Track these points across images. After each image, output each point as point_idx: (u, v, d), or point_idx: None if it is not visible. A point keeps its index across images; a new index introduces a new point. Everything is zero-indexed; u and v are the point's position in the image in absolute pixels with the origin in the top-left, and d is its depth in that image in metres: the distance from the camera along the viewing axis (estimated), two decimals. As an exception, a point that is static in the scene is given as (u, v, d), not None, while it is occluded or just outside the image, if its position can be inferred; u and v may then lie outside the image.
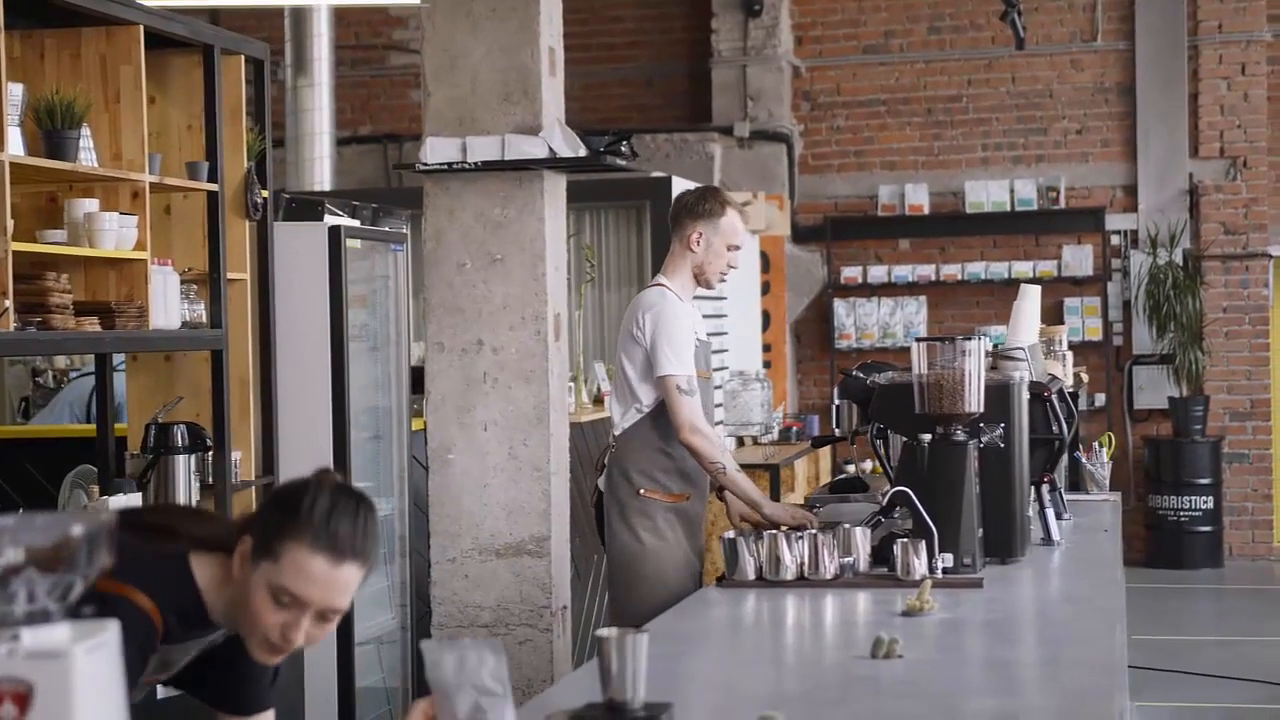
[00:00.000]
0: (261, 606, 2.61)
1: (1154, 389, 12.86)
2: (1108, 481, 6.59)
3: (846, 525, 4.47)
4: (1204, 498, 12.49)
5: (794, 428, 11.21)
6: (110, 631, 1.79)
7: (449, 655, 2.59)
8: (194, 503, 5.55)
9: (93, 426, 5.96)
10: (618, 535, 5.34)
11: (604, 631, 2.76)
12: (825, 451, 11.49)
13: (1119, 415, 12.92)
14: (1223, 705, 8.33)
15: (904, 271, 13.12)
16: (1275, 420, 13.03)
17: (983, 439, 4.56)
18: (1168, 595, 11.61)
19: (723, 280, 5.52)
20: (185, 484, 5.48)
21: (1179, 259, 12.64)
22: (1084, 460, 6.53)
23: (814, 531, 4.38)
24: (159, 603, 2.64)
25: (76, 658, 1.73)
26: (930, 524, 4.34)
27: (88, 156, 5.03)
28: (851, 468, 12.39)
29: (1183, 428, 12.57)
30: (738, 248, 5.45)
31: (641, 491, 5.31)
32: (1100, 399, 12.81)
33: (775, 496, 9.27)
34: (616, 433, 5.42)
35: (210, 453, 5.65)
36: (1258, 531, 12.89)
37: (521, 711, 2.97)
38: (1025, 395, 4.78)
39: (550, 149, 5.87)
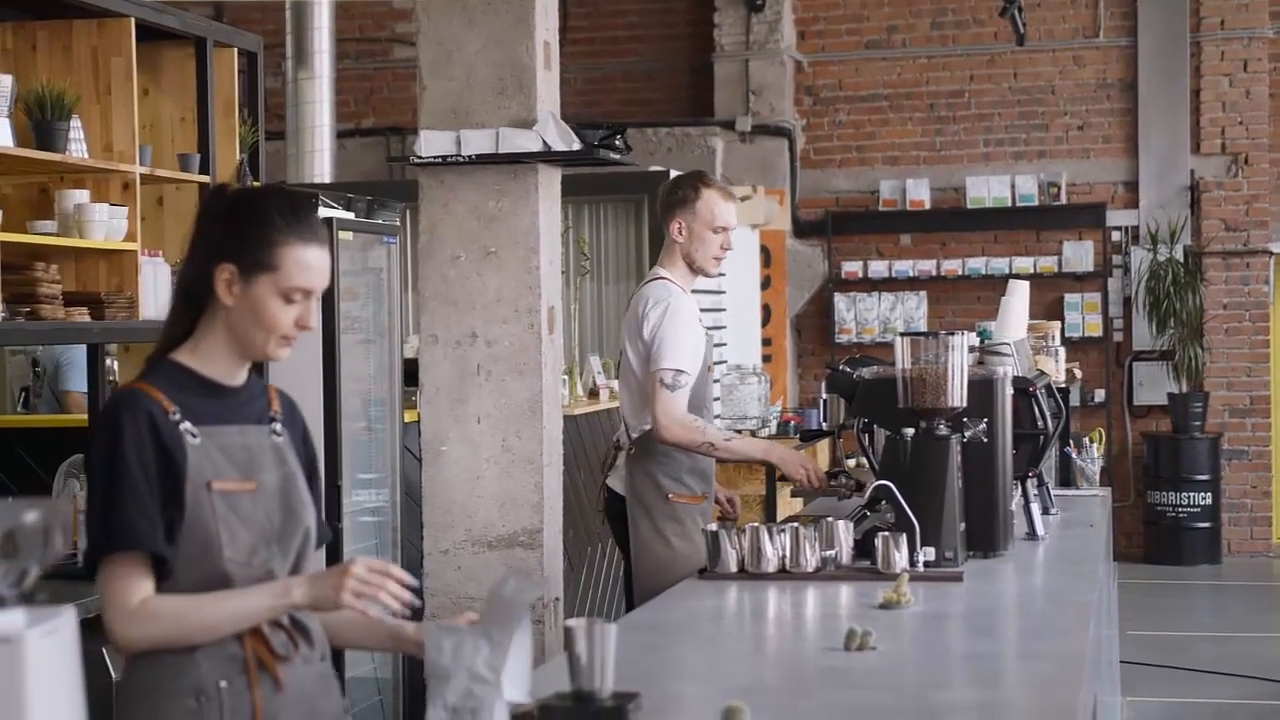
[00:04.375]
0: (276, 312, 2.85)
1: (1154, 385, 12.87)
2: (1098, 477, 6.61)
3: (829, 518, 4.49)
4: (1203, 494, 12.50)
5: (793, 422, 11.22)
6: (65, 617, 1.82)
7: (447, 639, 2.66)
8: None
9: (84, 417, 5.99)
10: (646, 541, 5.24)
11: (572, 622, 2.78)
12: (825, 445, 11.50)
13: (1119, 411, 12.93)
14: (1217, 700, 8.34)
15: (905, 266, 13.13)
16: (1275, 417, 13.04)
17: (966, 434, 4.57)
18: (1165, 591, 11.62)
19: (718, 263, 5.41)
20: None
21: (1179, 255, 12.64)
22: (1074, 456, 6.54)
23: (796, 525, 4.39)
24: (156, 385, 2.84)
25: (29, 642, 1.75)
26: (912, 518, 4.36)
27: (78, 148, 5.06)
28: (852, 462, 12.41)
29: (1182, 424, 12.57)
30: (724, 229, 5.35)
31: (670, 496, 5.23)
32: (1100, 395, 12.82)
33: (771, 490, 9.27)
34: (634, 435, 5.31)
35: (200, 442, 5.67)
36: (1256, 528, 12.90)
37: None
38: (1009, 390, 4.79)
39: (544, 142, 5.89)
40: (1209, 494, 12.51)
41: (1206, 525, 12.53)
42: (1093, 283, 12.94)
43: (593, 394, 8.31)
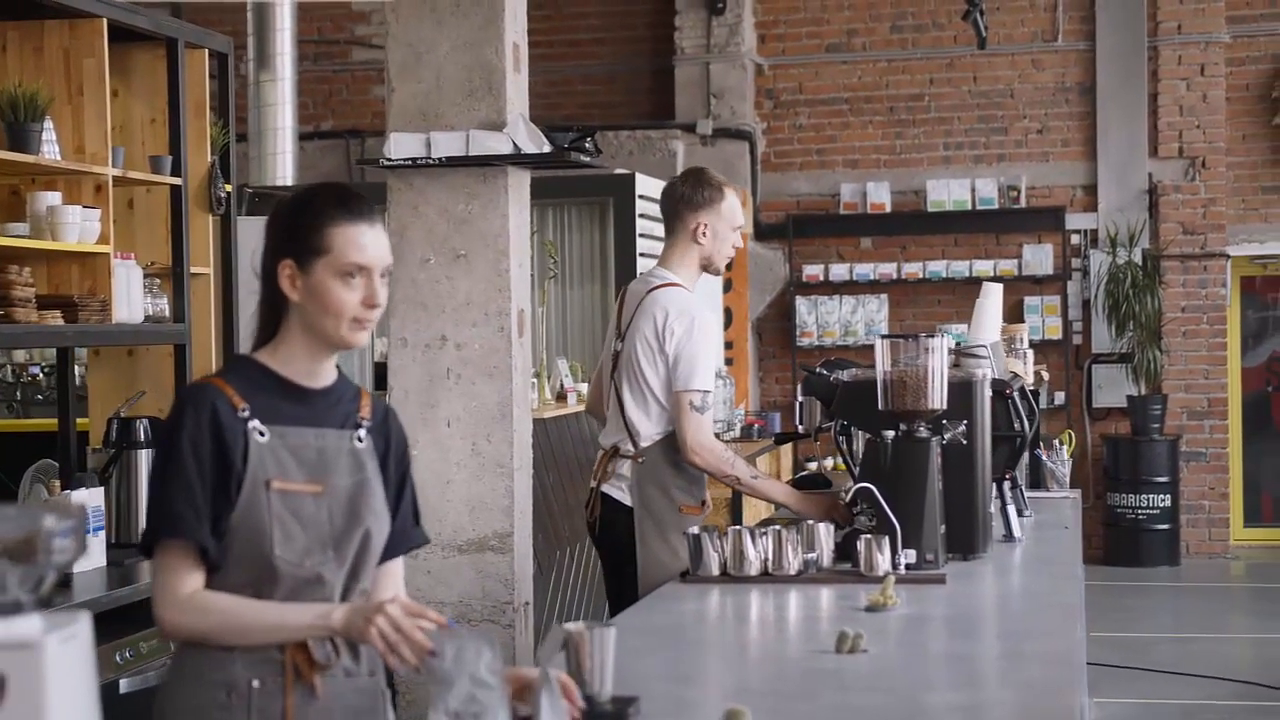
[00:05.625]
0: (339, 294, 2.89)
1: (1113, 388, 12.94)
2: (1068, 479, 6.63)
3: (810, 521, 4.49)
4: (1161, 496, 12.57)
5: (756, 425, 11.24)
6: (81, 623, 1.79)
7: (448, 645, 2.64)
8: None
9: (54, 421, 5.93)
10: (656, 553, 5.11)
11: (572, 626, 2.77)
12: (787, 448, 11.53)
13: (1078, 414, 12.99)
14: (1180, 701, 8.39)
15: (866, 270, 13.16)
16: (1232, 419, 13.13)
17: (946, 436, 4.57)
18: (1125, 592, 11.68)
19: (728, 261, 5.33)
20: (148, 479, 5.45)
21: (1138, 258, 12.72)
22: (1044, 458, 6.57)
23: (778, 528, 4.38)
24: (230, 381, 2.90)
25: (49, 648, 1.73)
26: (894, 520, 4.36)
27: (50, 149, 5.01)
28: (813, 465, 12.44)
29: (1141, 426, 12.65)
30: (739, 227, 5.26)
31: (682, 509, 5.13)
32: (1060, 397, 12.88)
33: (736, 493, 9.27)
34: (643, 443, 5.13)
35: (172, 447, 5.61)
36: (1214, 530, 12.98)
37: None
38: (988, 392, 4.80)
39: (515, 145, 5.87)
40: (1168, 496, 12.59)
41: (1165, 527, 12.61)
42: (1052, 286, 13.00)
43: (560, 397, 8.29)
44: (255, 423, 2.87)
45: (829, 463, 12.47)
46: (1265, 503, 13.52)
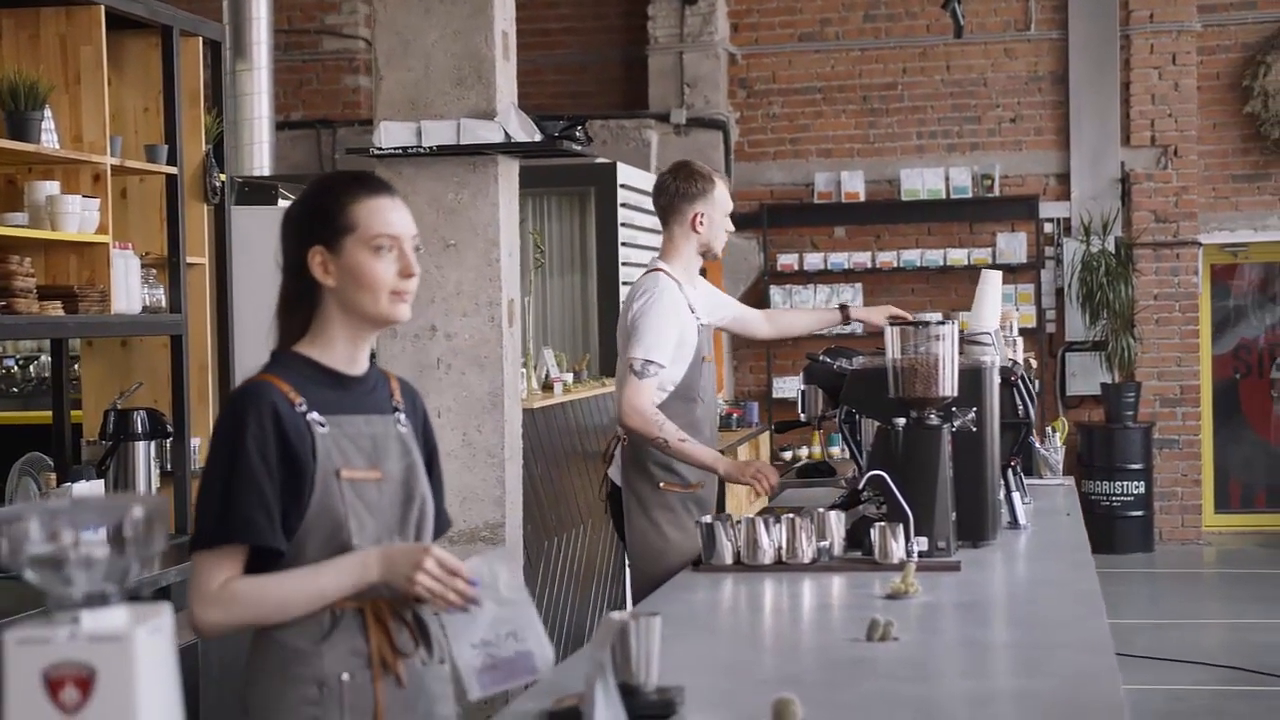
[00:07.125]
0: (373, 267, 2.87)
1: (1086, 375, 12.99)
2: (1060, 466, 6.64)
3: (821, 509, 4.48)
4: (1135, 483, 12.63)
5: (734, 415, 11.24)
6: (165, 615, 1.77)
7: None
8: (154, 490, 5.49)
9: (47, 413, 5.87)
10: (640, 530, 5.25)
11: (617, 614, 2.75)
12: (764, 438, 11.53)
13: (1052, 401, 13.03)
14: (1164, 687, 8.42)
15: (840, 259, 13.16)
16: (1204, 406, 13.20)
17: (955, 423, 4.57)
18: (1101, 579, 11.56)
19: (723, 244, 5.55)
20: (145, 470, 5.41)
21: (1111, 246, 12.76)
22: (1037, 445, 6.57)
23: (791, 516, 4.37)
24: (281, 377, 2.87)
25: (138, 640, 1.71)
26: (906, 508, 4.35)
27: (49, 138, 4.95)
28: (787, 455, 12.45)
29: (1114, 414, 12.70)
30: (730, 212, 5.50)
31: (661, 485, 5.24)
32: (1035, 385, 12.91)
33: (721, 486, 9.25)
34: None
35: (170, 439, 5.57)
36: (1187, 516, 13.05)
37: (528, 694, 2.96)
38: (996, 379, 4.80)
39: (506, 134, 5.85)
40: (1141, 483, 12.65)
41: (1139, 514, 12.67)
42: (1026, 274, 13.03)
43: (547, 387, 8.26)
44: (314, 415, 2.85)
45: (805, 452, 12.48)
46: (1233, 489, 13.60)
